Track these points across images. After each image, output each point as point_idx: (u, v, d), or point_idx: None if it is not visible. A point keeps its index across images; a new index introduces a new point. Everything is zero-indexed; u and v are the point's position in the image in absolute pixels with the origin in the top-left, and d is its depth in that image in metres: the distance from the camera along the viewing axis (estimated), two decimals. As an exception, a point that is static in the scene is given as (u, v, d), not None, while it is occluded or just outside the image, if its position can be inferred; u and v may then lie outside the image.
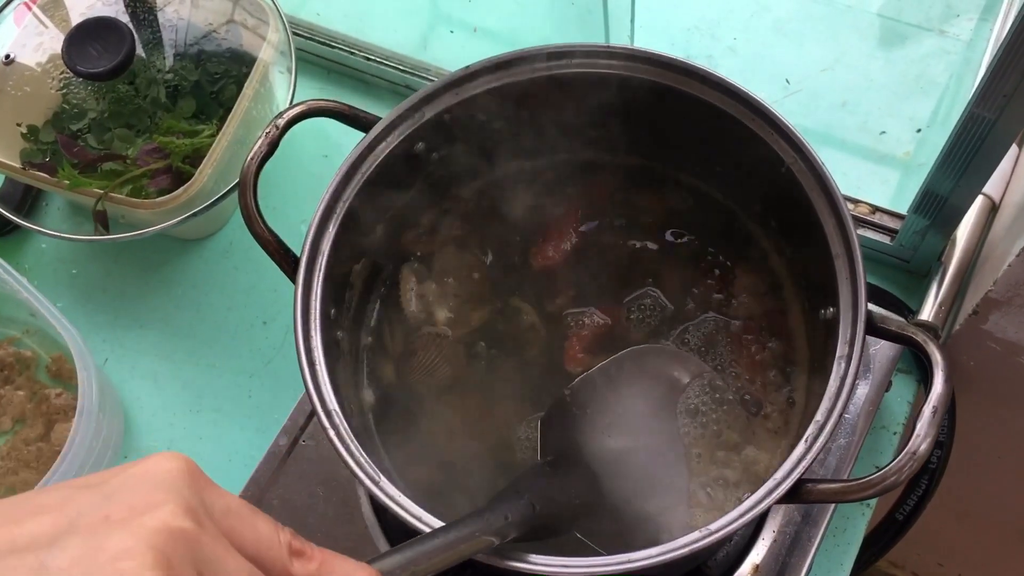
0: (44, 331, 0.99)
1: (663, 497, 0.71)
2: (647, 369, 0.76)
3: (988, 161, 0.77)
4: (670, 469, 0.72)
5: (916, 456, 0.57)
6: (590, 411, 0.74)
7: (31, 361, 1.00)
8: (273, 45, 0.99)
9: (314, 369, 0.65)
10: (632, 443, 0.73)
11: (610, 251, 0.81)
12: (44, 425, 0.96)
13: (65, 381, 0.99)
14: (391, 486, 0.62)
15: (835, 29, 1.07)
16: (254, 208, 0.67)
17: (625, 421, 0.74)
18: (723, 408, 0.74)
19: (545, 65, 0.72)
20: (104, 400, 0.90)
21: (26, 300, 0.90)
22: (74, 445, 0.86)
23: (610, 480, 0.71)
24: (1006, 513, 1.22)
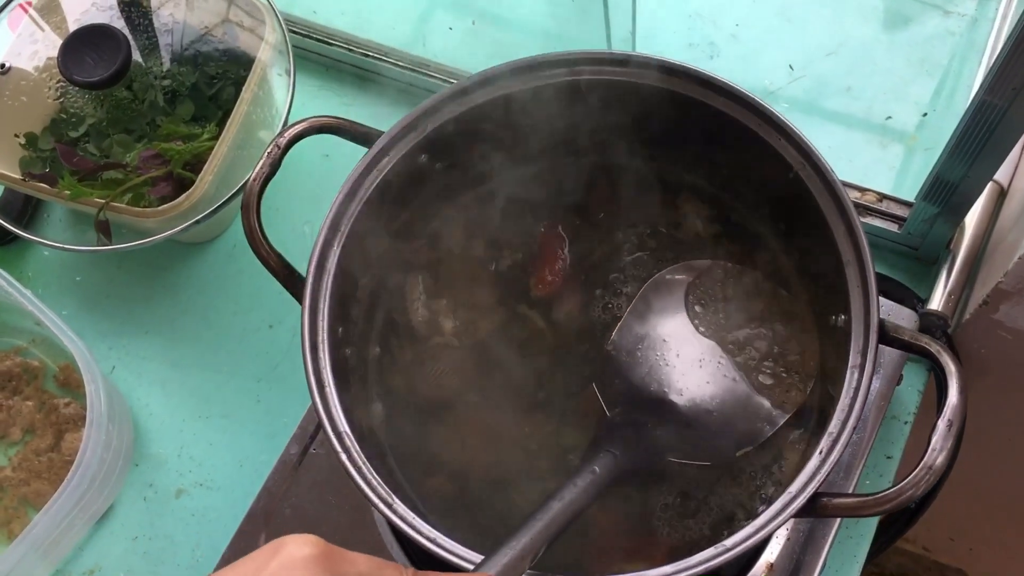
0: (50, 340, 0.99)
1: (732, 396, 0.75)
2: (671, 292, 0.78)
3: (1000, 148, 0.76)
4: (725, 370, 0.76)
5: (933, 470, 0.56)
6: (638, 353, 0.76)
7: (39, 371, 1.00)
8: (271, 45, 0.98)
9: (324, 391, 0.64)
10: (685, 362, 0.76)
11: (611, 260, 0.81)
12: (54, 435, 0.96)
13: (73, 390, 0.98)
14: (404, 508, 0.62)
15: (839, 12, 1.06)
16: (258, 230, 0.67)
17: (671, 346, 0.76)
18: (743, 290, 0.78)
19: (548, 74, 0.71)
20: (113, 409, 0.90)
21: (30, 310, 0.90)
22: (85, 456, 0.86)
23: (681, 403, 0.74)
24: (1017, 492, 1.22)
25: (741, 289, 0.78)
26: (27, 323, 1.00)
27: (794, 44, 1.05)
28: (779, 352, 0.76)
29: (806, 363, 0.75)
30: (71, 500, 0.85)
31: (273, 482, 0.86)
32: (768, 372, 0.75)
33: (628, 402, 0.75)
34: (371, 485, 0.61)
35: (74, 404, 0.97)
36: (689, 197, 0.80)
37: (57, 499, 0.84)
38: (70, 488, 0.85)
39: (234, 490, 0.93)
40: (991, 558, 1.48)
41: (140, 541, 0.92)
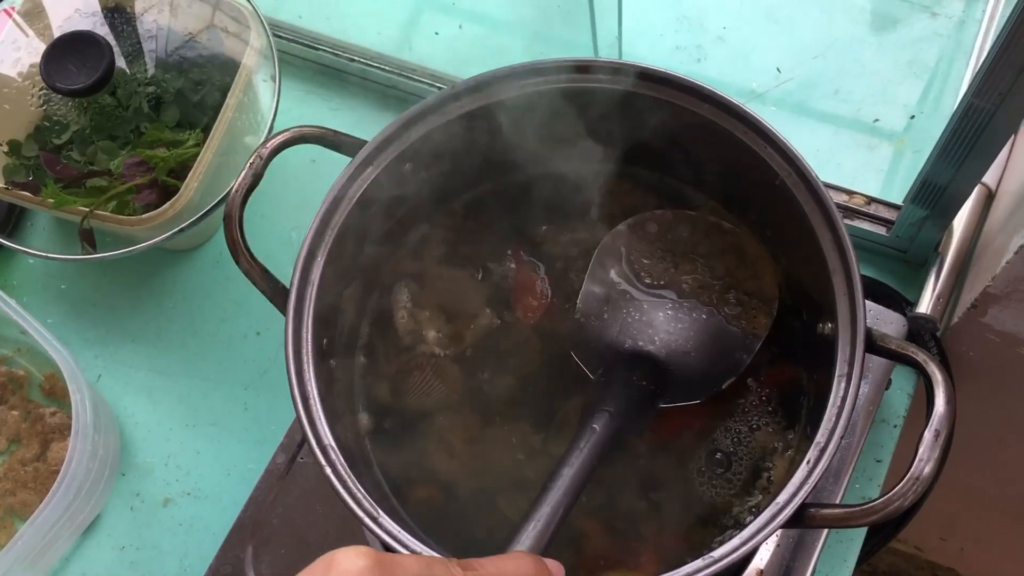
0: (35, 349, 0.98)
1: (705, 333, 0.77)
2: (628, 246, 0.79)
3: (988, 151, 0.76)
4: (692, 311, 0.77)
5: (920, 480, 0.56)
6: (605, 315, 0.78)
7: (24, 380, 0.99)
8: (256, 50, 0.97)
9: (308, 404, 0.64)
10: (652, 313, 0.77)
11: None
12: (40, 445, 0.95)
13: (59, 399, 0.98)
14: (390, 521, 0.61)
15: (826, 14, 1.06)
16: (241, 243, 0.66)
17: (634, 301, 0.78)
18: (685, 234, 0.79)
19: (531, 82, 0.71)
20: (99, 418, 0.89)
21: (15, 319, 0.90)
22: (71, 466, 0.85)
23: (658, 352, 0.76)
24: (1007, 492, 1.22)
25: (683, 233, 0.79)
26: (12, 332, 0.99)
27: (782, 46, 1.05)
28: (735, 281, 0.77)
29: (765, 286, 0.76)
30: (57, 510, 0.84)
31: (261, 491, 0.85)
32: (732, 302, 0.77)
33: (608, 362, 0.76)
34: (356, 499, 0.61)
35: (60, 413, 0.96)
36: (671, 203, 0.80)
37: (43, 509, 0.84)
38: (56, 498, 0.85)
39: (222, 499, 0.92)
40: (982, 557, 1.49)
41: (127, 551, 0.92)
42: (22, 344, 1.00)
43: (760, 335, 0.75)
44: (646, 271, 0.78)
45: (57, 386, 0.98)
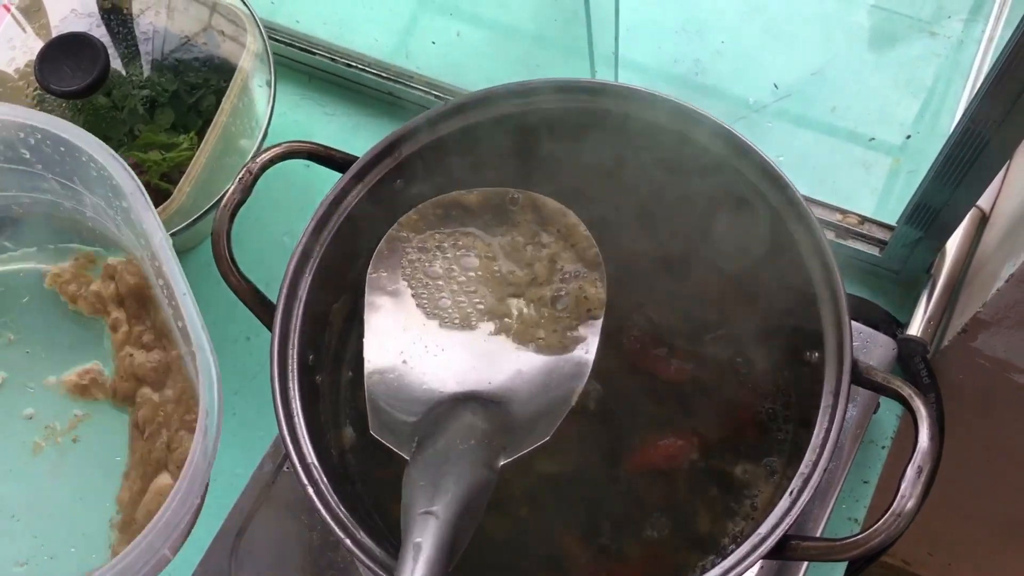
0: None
1: (520, 367, 0.65)
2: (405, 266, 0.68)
3: (983, 175, 0.76)
4: (494, 343, 0.66)
5: (902, 516, 0.56)
6: (404, 363, 0.66)
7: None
8: (252, 53, 0.97)
9: (292, 422, 0.64)
10: (462, 342, 0.66)
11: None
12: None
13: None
14: (368, 539, 0.61)
15: (825, 31, 1.05)
16: (228, 260, 0.66)
17: (436, 336, 0.66)
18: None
19: (523, 101, 0.71)
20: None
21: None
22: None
23: (485, 394, 0.64)
24: (995, 509, 1.22)
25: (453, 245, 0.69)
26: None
27: (780, 62, 1.05)
28: (537, 276, 0.67)
29: (583, 255, 0.68)
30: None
31: (246, 499, 0.85)
32: (543, 304, 0.66)
33: (421, 428, 0.63)
34: (336, 518, 0.61)
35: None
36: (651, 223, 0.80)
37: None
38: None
39: (208, 505, 0.91)
40: (968, 573, 1.49)
41: (112, 554, 0.92)
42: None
43: (597, 316, 0.65)
44: (434, 292, 0.68)
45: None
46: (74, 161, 0.81)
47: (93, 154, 0.78)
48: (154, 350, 0.87)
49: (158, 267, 0.77)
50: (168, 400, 0.85)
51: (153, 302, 0.89)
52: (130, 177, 0.77)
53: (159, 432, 0.84)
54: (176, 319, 0.78)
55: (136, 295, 0.89)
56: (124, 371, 0.86)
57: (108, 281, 0.89)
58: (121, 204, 0.80)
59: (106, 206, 0.84)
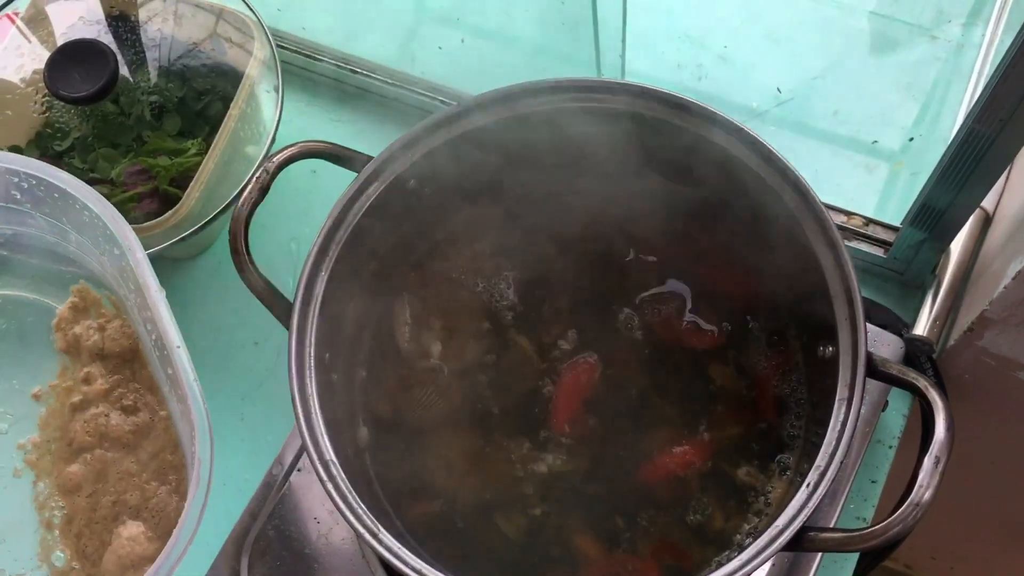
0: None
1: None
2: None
3: (988, 176, 0.77)
4: None
5: (920, 506, 0.57)
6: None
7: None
8: (259, 60, 0.97)
9: (310, 420, 0.64)
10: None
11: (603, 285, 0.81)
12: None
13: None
14: (390, 538, 0.61)
15: (827, 36, 1.06)
16: (246, 256, 0.67)
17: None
18: None
19: (537, 101, 0.71)
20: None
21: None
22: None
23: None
24: (998, 511, 1.23)
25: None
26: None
27: (782, 66, 1.05)
28: None
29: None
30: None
31: (257, 503, 0.85)
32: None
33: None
34: (357, 515, 0.61)
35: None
36: (671, 223, 0.80)
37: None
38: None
39: (217, 510, 0.91)
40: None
41: (121, 560, 0.92)
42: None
43: None
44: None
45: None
46: (66, 205, 0.82)
47: (87, 203, 0.79)
48: (137, 414, 0.87)
49: (149, 316, 0.78)
50: (141, 466, 0.85)
51: (140, 359, 0.89)
52: (127, 228, 0.78)
53: (108, 493, 0.84)
54: (163, 359, 0.79)
55: (123, 356, 0.89)
56: (92, 430, 0.86)
57: (95, 332, 0.90)
58: (112, 251, 0.81)
59: (91, 246, 0.85)
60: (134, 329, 0.88)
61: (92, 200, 0.79)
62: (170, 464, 0.86)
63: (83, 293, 0.92)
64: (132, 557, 0.79)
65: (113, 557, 0.80)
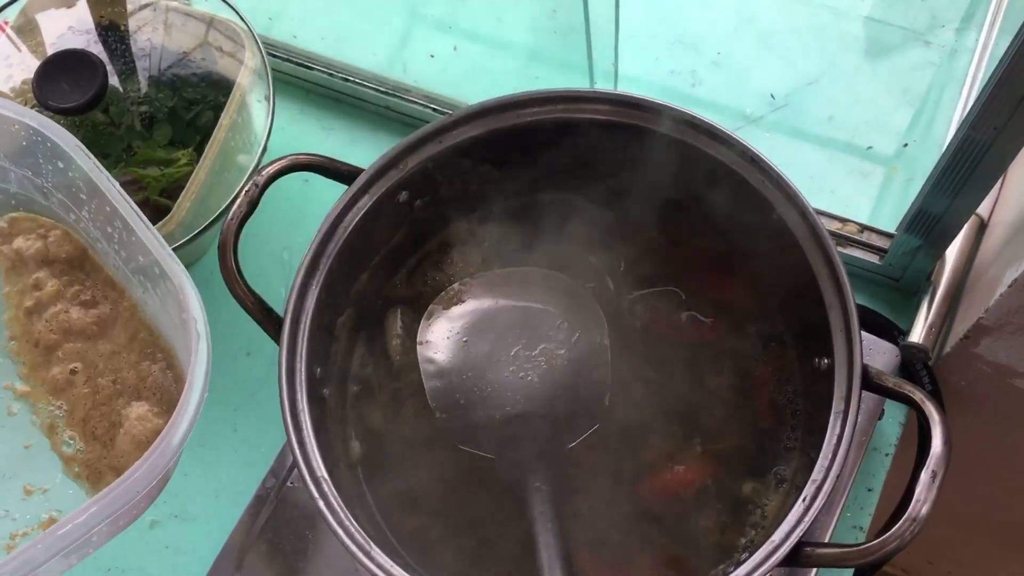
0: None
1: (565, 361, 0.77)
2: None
3: (983, 182, 0.76)
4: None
5: (917, 521, 0.56)
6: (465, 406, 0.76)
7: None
8: (250, 69, 0.97)
9: (301, 435, 0.64)
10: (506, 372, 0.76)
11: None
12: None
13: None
14: (382, 555, 0.61)
15: (820, 41, 1.06)
16: (235, 271, 0.66)
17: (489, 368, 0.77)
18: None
19: (528, 111, 0.71)
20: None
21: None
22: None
23: (531, 407, 0.75)
24: (995, 516, 1.22)
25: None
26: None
27: (776, 72, 1.05)
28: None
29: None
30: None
31: (249, 515, 0.85)
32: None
33: (491, 436, 0.75)
34: (349, 533, 0.61)
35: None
36: (664, 235, 0.80)
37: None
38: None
39: (209, 522, 0.91)
40: (968, 581, 1.49)
41: (112, 573, 0.91)
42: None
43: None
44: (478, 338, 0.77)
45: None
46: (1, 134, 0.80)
47: (22, 118, 0.78)
48: (97, 307, 0.86)
49: (109, 212, 0.77)
50: (120, 347, 0.84)
51: (93, 263, 0.88)
52: (68, 136, 0.77)
53: (103, 374, 0.84)
54: (129, 258, 0.78)
55: (71, 261, 0.88)
56: (56, 327, 0.85)
57: (35, 240, 0.88)
58: (51, 166, 0.79)
59: (33, 175, 0.83)
60: (81, 237, 0.87)
61: (28, 117, 0.78)
62: (151, 343, 0.85)
63: (12, 220, 0.90)
64: (145, 434, 0.79)
65: (127, 438, 0.80)
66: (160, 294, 0.77)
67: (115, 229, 0.78)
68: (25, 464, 0.84)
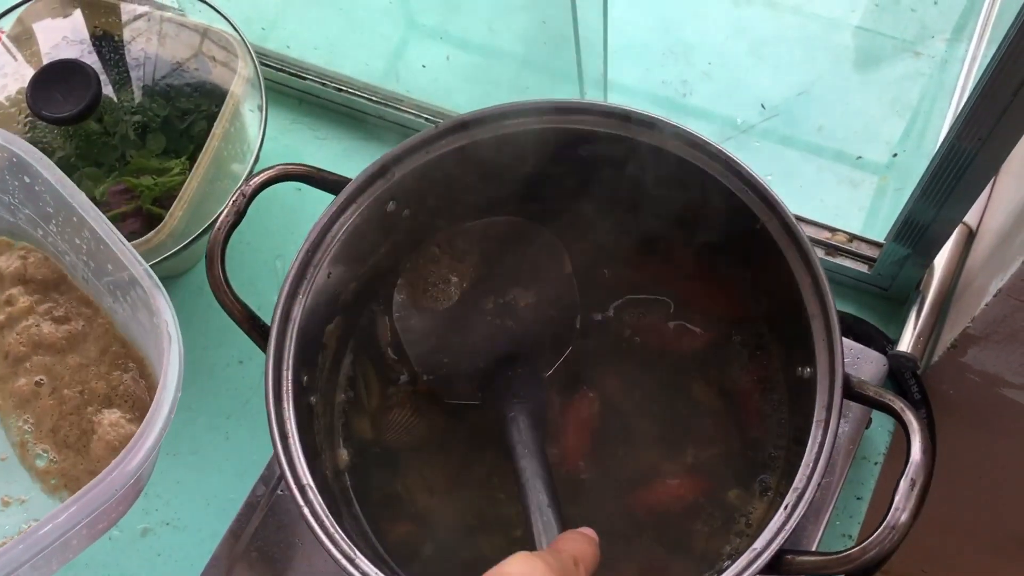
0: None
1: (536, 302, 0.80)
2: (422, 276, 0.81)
3: (969, 191, 0.77)
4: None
5: (896, 528, 0.57)
6: (445, 357, 0.79)
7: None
8: (243, 78, 0.97)
9: (287, 443, 0.64)
10: (480, 319, 0.80)
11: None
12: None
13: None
14: (367, 562, 0.61)
15: (811, 51, 1.06)
16: (222, 280, 0.67)
17: (460, 318, 0.81)
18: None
19: (514, 122, 0.71)
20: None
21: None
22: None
23: (506, 346, 0.79)
24: (988, 524, 1.23)
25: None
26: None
27: (766, 82, 1.06)
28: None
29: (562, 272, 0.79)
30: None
31: (240, 523, 0.85)
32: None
33: (480, 381, 0.78)
34: (333, 540, 0.61)
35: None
36: (649, 245, 0.80)
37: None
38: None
39: (201, 530, 0.92)
40: (962, 590, 1.49)
41: (104, 581, 0.91)
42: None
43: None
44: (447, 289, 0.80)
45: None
46: None
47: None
48: (69, 323, 0.86)
49: (76, 221, 0.77)
50: (89, 360, 0.85)
51: (69, 284, 0.88)
52: (40, 156, 0.77)
53: (69, 385, 0.84)
54: (98, 268, 0.79)
55: (47, 283, 0.88)
56: (26, 340, 0.85)
57: (15, 259, 0.88)
58: (17, 181, 0.80)
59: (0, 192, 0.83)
60: (49, 252, 0.88)
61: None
62: (123, 355, 0.85)
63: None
64: (120, 439, 0.79)
65: (101, 443, 0.80)
66: (130, 301, 0.77)
67: (83, 240, 0.78)
68: (1, 476, 0.83)
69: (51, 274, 0.88)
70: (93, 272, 0.81)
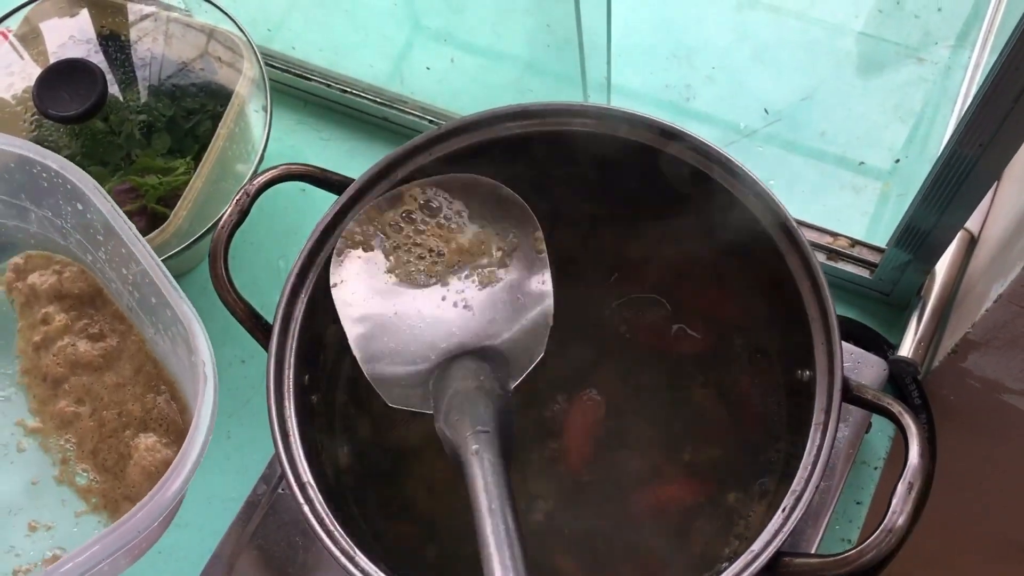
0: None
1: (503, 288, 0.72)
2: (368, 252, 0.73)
3: (971, 197, 0.77)
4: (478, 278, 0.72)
5: (893, 531, 0.57)
6: (389, 343, 0.71)
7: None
8: (248, 79, 0.98)
9: (288, 441, 0.64)
10: (437, 305, 0.72)
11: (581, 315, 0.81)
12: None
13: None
14: (366, 560, 0.61)
15: (814, 57, 1.07)
16: (225, 279, 0.67)
17: (411, 304, 0.72)
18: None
19: (516, 124, 0.72)
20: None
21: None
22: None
23: (471, 338, 0.70)
24: (987, 529, 1.23)
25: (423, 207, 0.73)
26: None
27: (769, 87, 1.06)
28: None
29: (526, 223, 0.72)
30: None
31: (240, 521, 0.85)
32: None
33: (425, 395, 0.69)
34: (333, 538, 0.61)
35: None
36: (649, 244, 0.81)
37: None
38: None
39: (202, 528, 0.92)
40: (962, 596, 1.49)
41: (106, 578, 0.92)
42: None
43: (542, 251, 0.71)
44: (405, 264, 0.72)
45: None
46: (24, 175, 0.81)
47: (47, 161, 0.79)
48: (104, 339, 0.87)
49: (123, 254, 0.77)
50: (125, 379, 0.86)
51: (104, 298, 0.89)
52: (87, 177, 0.78)
53: (108, 407, 0.85)
54: (143, 299, 0.79)
55: (82, 297, 0.89)
56: (63, 360, 0.86)
57: (50, 275, 0.89)
58: (70, 207, 0.80)
59: (53, 216, 0.84)
60: (97, 277, 0.88)
61: (50, 159, 0.78)
62: (156, 375, 0.86)
63: (28, 256, 0.91)
64: (155, 464, 0.80)
65: (137, 469, 0.81)
66: (171, 336, 0.78)
67: (130, 271, 0.79)
68: (32, 501, 0.85)
69: (87, 287, 0.89)
70: (137, 302, 0.83)
